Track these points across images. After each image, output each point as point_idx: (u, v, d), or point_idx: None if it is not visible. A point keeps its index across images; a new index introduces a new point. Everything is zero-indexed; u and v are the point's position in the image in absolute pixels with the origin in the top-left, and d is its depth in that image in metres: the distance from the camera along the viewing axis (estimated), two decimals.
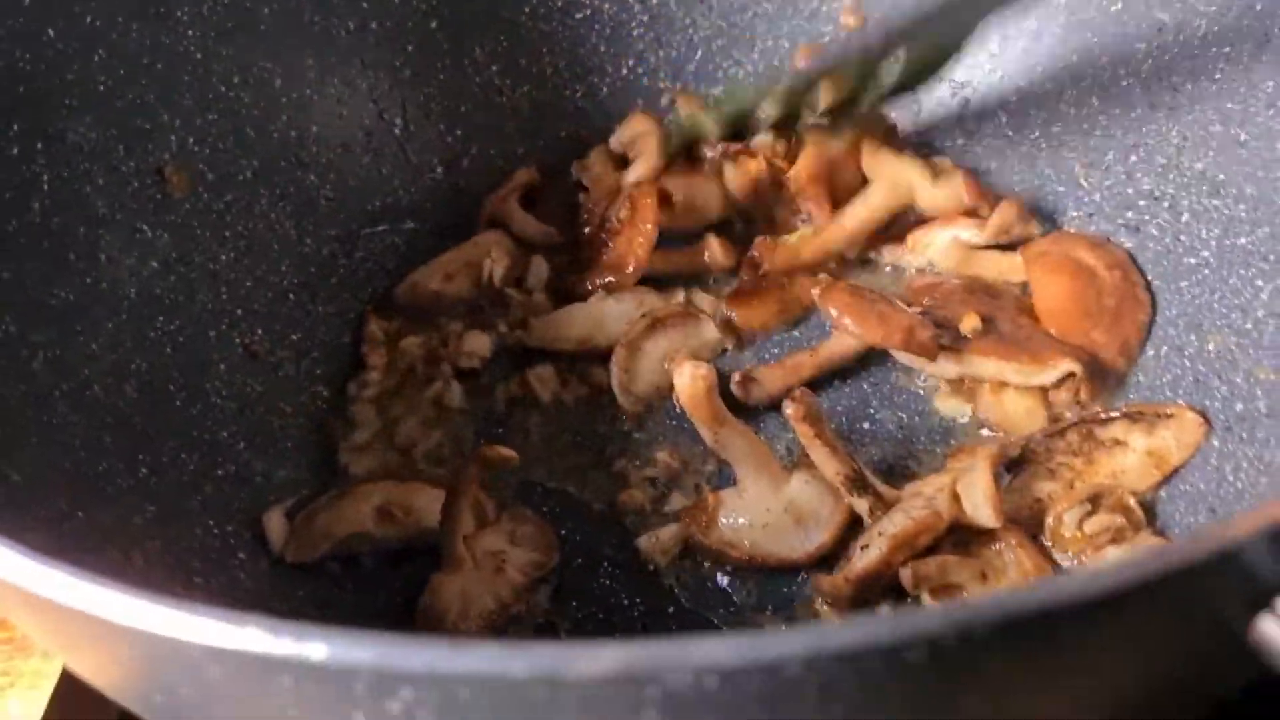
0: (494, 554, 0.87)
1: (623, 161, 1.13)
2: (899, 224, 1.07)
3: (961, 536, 0.84)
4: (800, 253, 1.04)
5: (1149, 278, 0.98)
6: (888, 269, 1.07)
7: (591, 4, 1.16)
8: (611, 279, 1.04)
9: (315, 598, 0.87)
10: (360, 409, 1.00)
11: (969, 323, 0.93)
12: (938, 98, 1.14)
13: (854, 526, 0.86)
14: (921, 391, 0.97)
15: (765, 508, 0.87)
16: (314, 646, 0.42)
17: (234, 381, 0.96)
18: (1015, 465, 0.89)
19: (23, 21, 0.86)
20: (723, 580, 0.87)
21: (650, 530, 0.89)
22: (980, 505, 0.82)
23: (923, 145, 1.13)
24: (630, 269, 1.04)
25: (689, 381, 0.84)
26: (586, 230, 1.10)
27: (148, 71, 0.95)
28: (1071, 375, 0.91)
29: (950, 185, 1.04)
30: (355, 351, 1.04)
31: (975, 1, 0.97)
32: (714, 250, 1.07)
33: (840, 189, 1.08)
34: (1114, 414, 0.87)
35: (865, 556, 0.81)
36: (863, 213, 1.06)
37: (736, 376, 0.97)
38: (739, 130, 1.06)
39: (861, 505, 0.84)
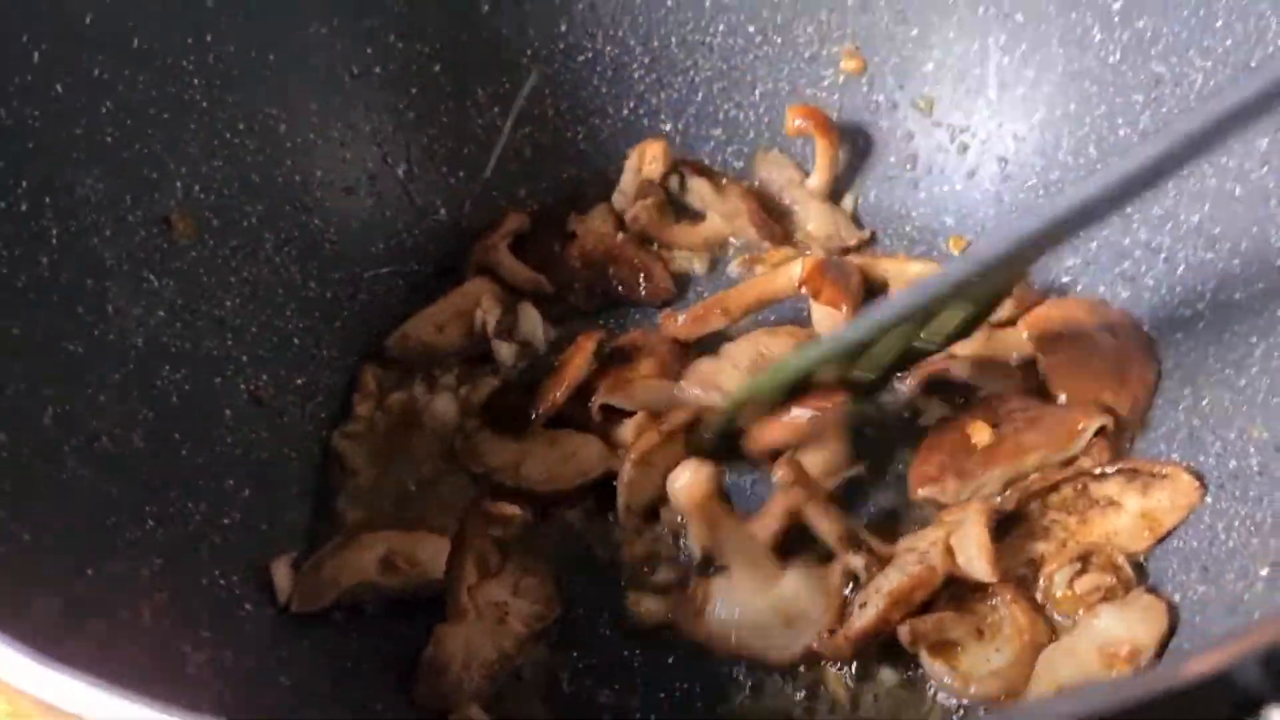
0: (497, 605, 0.89)
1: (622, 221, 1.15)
2: None
3: (957, 590, 0.85)
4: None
5: (1146, 329, 1.00)
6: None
7: (593, 46, 1.17)
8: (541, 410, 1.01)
9: (321, 647, 0.88)
10: (352, 457, 1.00)
11: (981, 434, 0.93)
12: (937, 142, 1.15)
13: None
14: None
15: (755, 604, 0.86)
16: None
17: (239, 428, 0.97)
18: (1008, 521, 0.90)
19: (31, 78, 0.87)
20: None
21: (641, 592, 0.90)
22: (975, 559, 0.83)
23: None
24: (541, 410, 1.00)
25: (689, 483, 0.83)
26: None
27: (154, 121, 0.96)
28: (1101, 431, 0.92)
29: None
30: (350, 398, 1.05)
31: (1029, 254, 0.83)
32: (640, 426, 0.99)
33: None
34: (1109, 470, 0.88)
35: (864, 615, 0.82)
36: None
37: None
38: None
39: (857, 563, 0.85)
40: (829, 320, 1.04)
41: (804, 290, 1.04)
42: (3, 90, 0.85)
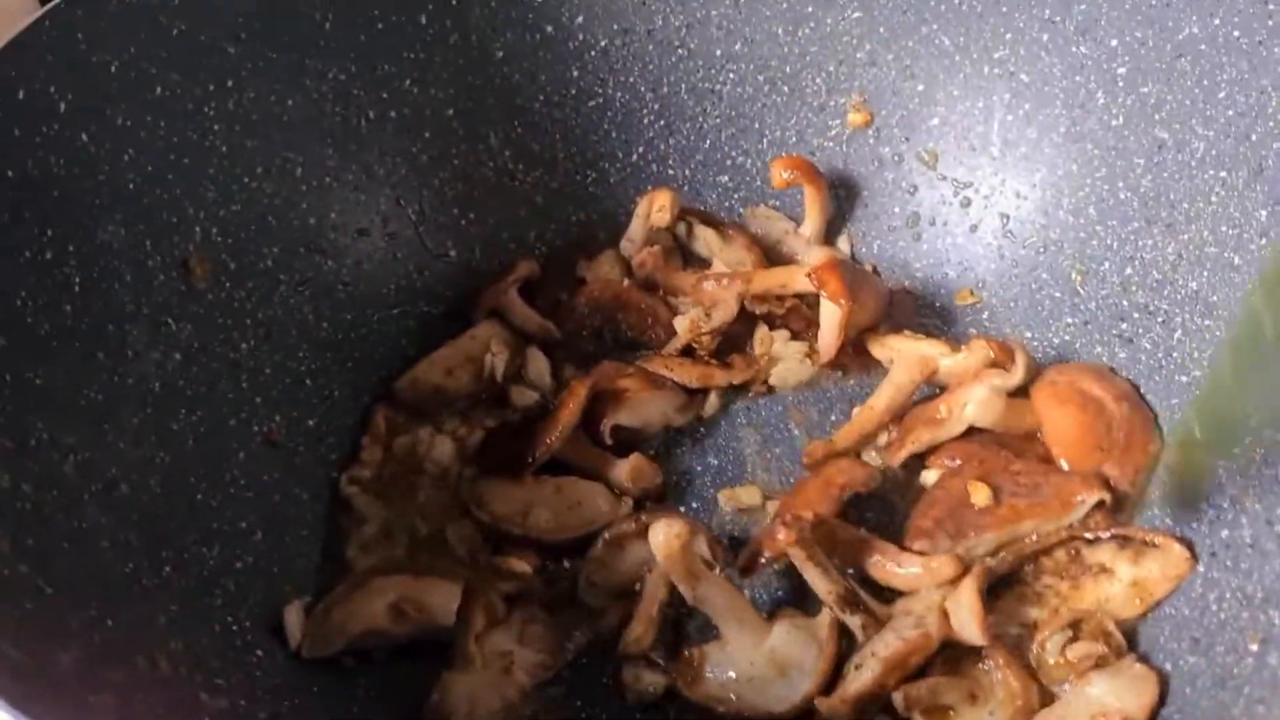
0: (502, 654, 0.91)
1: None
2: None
3: (951, 653, 0.87)
4: (835, 444, 1.05)
5: (1142, 391, 1.02)
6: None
7: (604, 92, 1.19)
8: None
9: (331, 693, 0.90)
10: (360, 503, 1.02)
11: (980, 495, 0.95)
12: (940, 195, 1.17)
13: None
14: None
15: (749, 660, 0.88)
16: None
17: (252, 470, 0.99)
18: (1001, 584, 0.92)
19: (58, 128, 0.88)
20: None
21: (637, 667, 0.91)
22: (967, 623, 0.85)
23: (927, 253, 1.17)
24: (536, 455, 1.02)
25: (663, 540, 0.85)
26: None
27: (174, 167, 0.97)
28: (1100, 503, 0.93)
29: (969, 346, 1.05)
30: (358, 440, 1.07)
31: None
32: (636, 468, 1.04)
33: None
34: (1103, 535, 0.91)
35: (859, 677, 0.84)
36: (890, 392, 1.06)
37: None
38: None
39: (854, 622, 0.87)
40: (831, 317, 1.07)
41: (812, 280, 1.06)
42: (31, 142, 0.86)
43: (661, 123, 1.20)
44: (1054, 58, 1.08)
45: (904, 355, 1.08)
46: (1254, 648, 0.79)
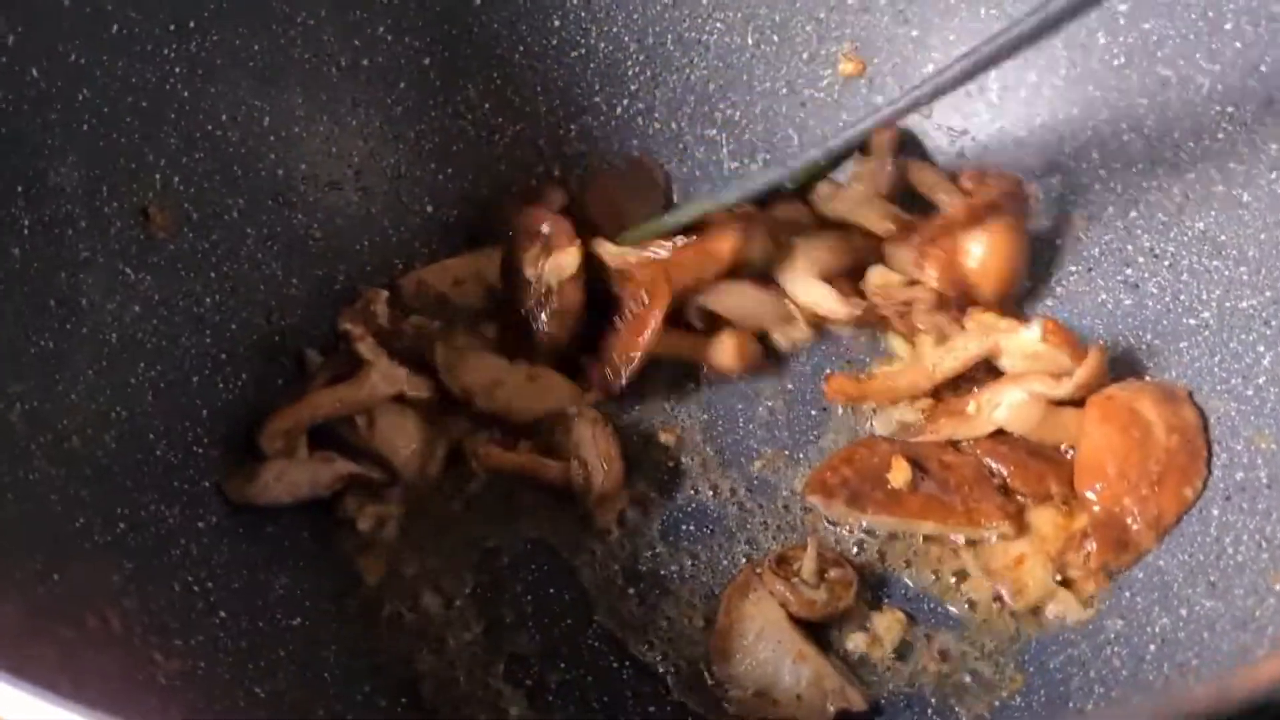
0: None
1: None
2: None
3: None
4: (863, 385, 1.01)
5: (1148, 337, 0.97)
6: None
7: (586, 43, 1.14)
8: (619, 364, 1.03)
9: (300, 656, 0.85)
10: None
11: (899, 476, 0.92)
12: (935, 144, 1.13)
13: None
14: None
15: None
16: None
17: (216, 428, 0.94)
18: None
19: (5, 61, 0.83)
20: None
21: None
22: None
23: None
24: (620, 367, 1.02)
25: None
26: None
27: (132, 110, 0.92)
28: (1085, 535, 0.88)
29: (1046, 345, 0.94)
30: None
31: None
32: (726, 350, 1.04)
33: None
34: None
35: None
36: (952, 364, 0.99)
37: None
38: None
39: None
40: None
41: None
42: None
43: (647, 74, 1.16)
44: None
45: (978, 328, 1.00)
46: (1278, 587, 0.74)
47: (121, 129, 0.92)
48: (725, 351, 1.04)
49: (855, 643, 0.88)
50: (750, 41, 1.15)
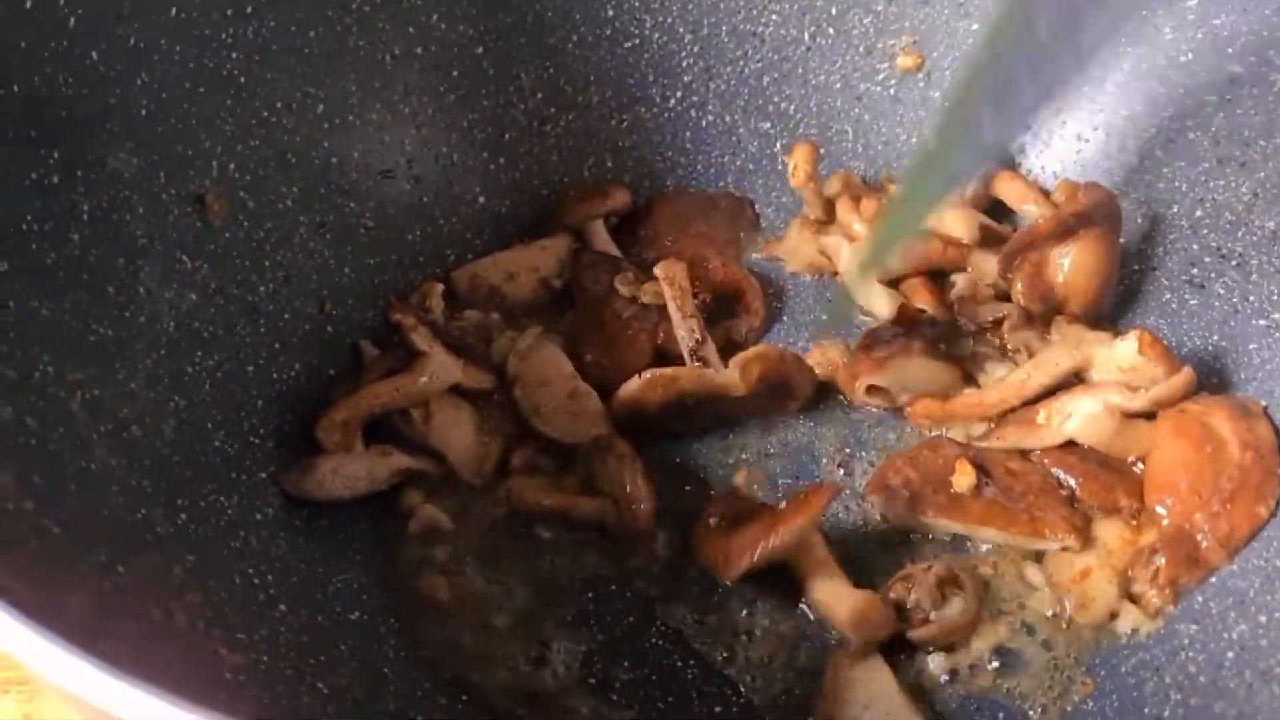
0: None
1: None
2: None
3: None
4: (947, 407, 0.98)
5: (1214, 338, 0.96)
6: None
7: (640, 33, 1.13)
8: None
9: (359, 652, 0.84)
10: None
11: (963, 480, 0.90)
12: None
13: None
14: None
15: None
16: None
17: (271, 419, 0.93)
18: None
19: (67, 44, 0.82)
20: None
21: None
22: None
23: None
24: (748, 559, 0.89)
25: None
26: None
27: (190, 96, 0.91)
28: (1154, 551, 0.86)
29: (1140, 357, 0.92)
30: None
31: None
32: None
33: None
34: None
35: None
36: (1042, 380, 0.96)
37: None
38: None
39: None
40: None
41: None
42: (37, 56, 0.80)
43: (700, 65, 1.14)
44: None
45: (1068, 341, 0.98)
46: None
47: (179, 114, 0.90)
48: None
49: (937, 662, 0.86)
50: (806, 34, 1.13)
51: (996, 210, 1.09)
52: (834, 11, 1.12)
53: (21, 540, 0.66)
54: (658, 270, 0.96)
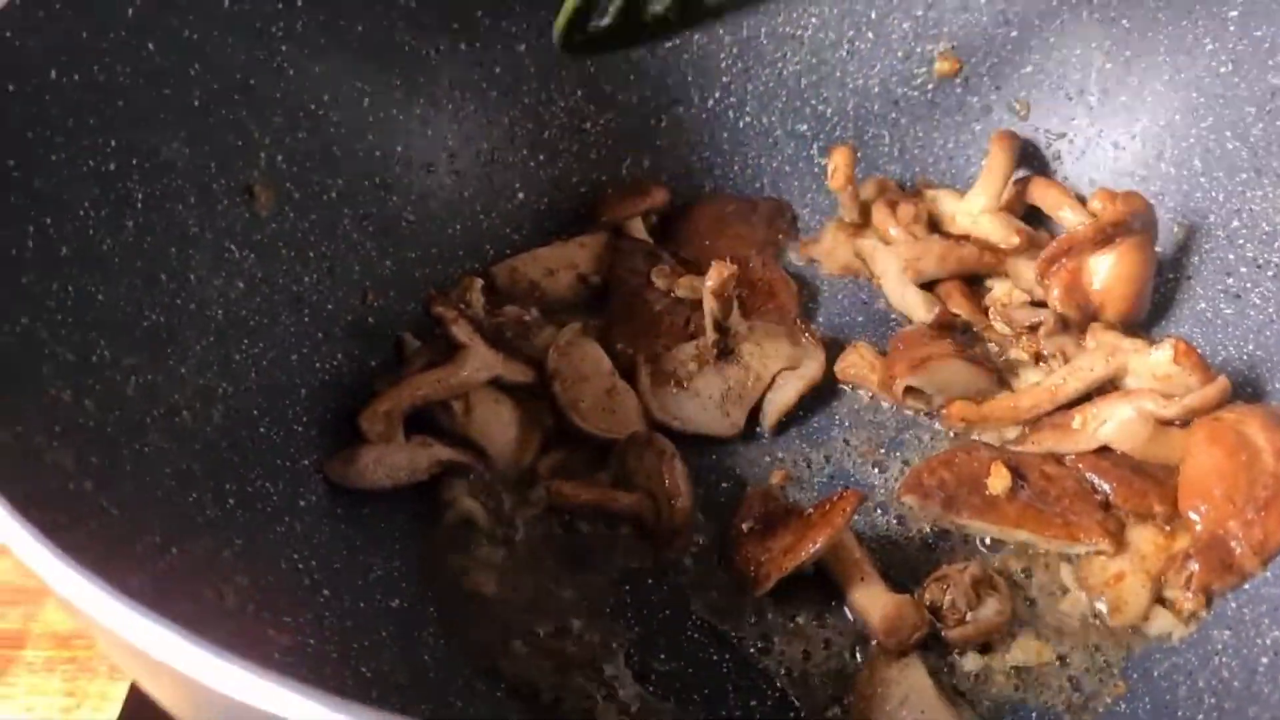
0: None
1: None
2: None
3: None
4: (983, 411, 0.98)
5: (1250, 347, 0.97)
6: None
7: (679, 33, 1.13)
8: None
9: (400, 637, 0.85)
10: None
11: (998, 483, 0.91)
12: (1031, 148, 1.12)
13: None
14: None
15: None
16: None
17: (314, 407, 0.94)
18: None
19: (124, 34, 0.83)
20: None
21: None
22: None
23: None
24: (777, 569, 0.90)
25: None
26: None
27: (240, 87, 0.92)
28: (1187, 557, 0.87)
29: (1175, 366, 0.93)
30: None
31: None
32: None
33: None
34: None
35: None
36: (1077, 385, 0.97)
37: None
38: None
39: None
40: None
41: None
42: (96, 46, 0.81)
43: (739, 67, 1.15)
44: (1159, 1, 1.03)
45: (1104, 347, 0.98)
46: None
47: (230, 105, 0.92)
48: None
49: (971, 662, 0.87)
50: (845, 38, 1.14)
51: (1032, 216, 1.10)
52: (873, 15, 1.13)
53: (83, 520, 0.68)
54: (709, 279, 0.95)
